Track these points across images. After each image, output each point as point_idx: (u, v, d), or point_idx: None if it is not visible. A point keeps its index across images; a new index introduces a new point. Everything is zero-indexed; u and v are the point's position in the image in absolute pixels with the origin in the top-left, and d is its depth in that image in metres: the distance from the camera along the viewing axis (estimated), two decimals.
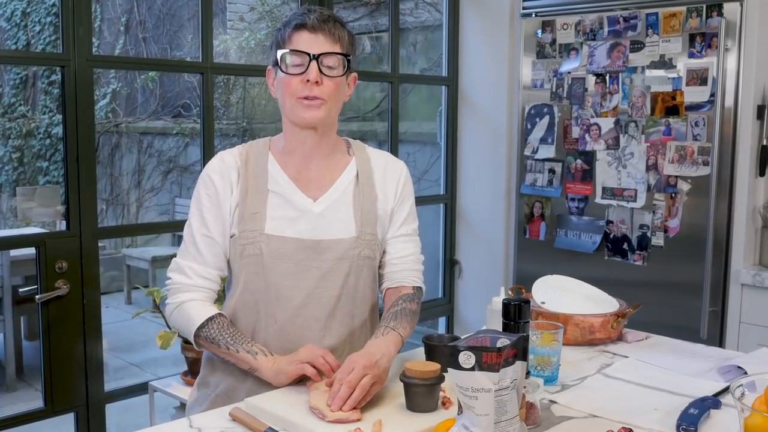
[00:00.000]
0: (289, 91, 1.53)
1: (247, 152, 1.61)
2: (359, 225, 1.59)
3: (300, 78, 1.51)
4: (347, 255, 1.57)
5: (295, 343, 1.53)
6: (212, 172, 1.59)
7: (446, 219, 3.80)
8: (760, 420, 1.07)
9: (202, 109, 2.80)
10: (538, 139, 3.31)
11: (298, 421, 1.33)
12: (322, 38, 1.51)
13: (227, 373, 1.59)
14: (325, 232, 1.56)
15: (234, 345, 1.50)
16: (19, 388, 4.49)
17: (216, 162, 1.60)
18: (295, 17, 1.54)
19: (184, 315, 1.55)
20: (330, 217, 1.57)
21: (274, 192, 1.57)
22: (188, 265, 1.57)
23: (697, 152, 2.84)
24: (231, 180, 1.57)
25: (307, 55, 1.51)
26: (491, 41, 3.59)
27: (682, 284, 2.89)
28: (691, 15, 2.83)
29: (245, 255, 1.54)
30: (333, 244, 1.56)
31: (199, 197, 1.59)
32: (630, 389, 1.56)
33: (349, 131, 5.85)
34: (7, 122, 7.72)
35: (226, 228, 1.56)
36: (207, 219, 1.56)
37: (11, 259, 4.22)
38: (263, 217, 1.54)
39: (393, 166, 1.70)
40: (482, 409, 1.09)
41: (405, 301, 1.64)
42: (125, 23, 7.64)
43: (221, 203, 1.56)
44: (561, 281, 2.02)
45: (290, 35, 1.52)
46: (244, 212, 1.54)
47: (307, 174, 1.60)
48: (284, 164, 1.60)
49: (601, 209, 3.12)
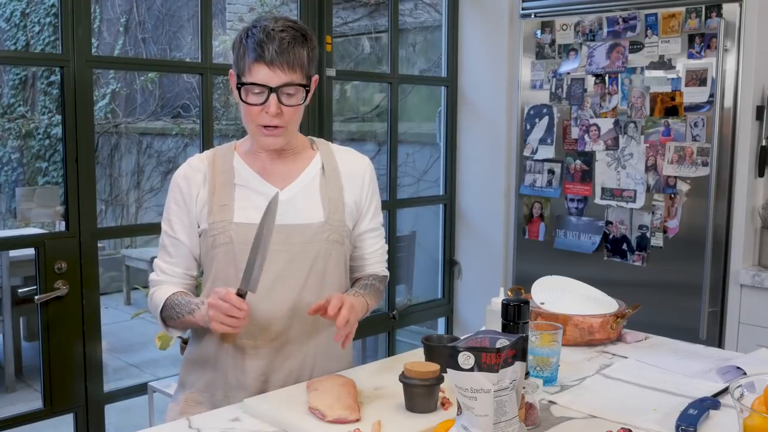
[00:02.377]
0: (250, 118, 1.56)
1: (213, 154, 1.66)
2: (327, 211, 1.63)
3: (257, 108, 1.54)
4: (315, 239, 1.60)
5: (264, 327, 1.57)
6: (179, 177, 1.65)
7: (446, 219, 3.80)
8: (759, 420, 1.07)
9: (201, 110, 2.80)
10: (537, 139, 3.31)
11: (298, 421, 1.33)
12: (279, 71, 1.50)
13: (203, 370, 1.63)
14: (292, 218, 1.59)
15: (180, 312, 1.57)
16: (18, 388, 4.49)
17: (183, 167, 1.67)
18: (254, 46, 1.51)
19: (152, 305, 1.65)
20: (297, 203, 1.61)
21: (240, 185, 1.62)
22: (159, 264, 1.66)
23: (697, 153, 2.84)
24: (197, 181, 1.62)
25: (266, 87, 1.51)
26: (490, 42, 3.59)
27: (682, 285, 2.90)
28: (690, 16, 2.83)
29: (216, 245, 1.58)
30: (301, 228, 1.60)
31: (168, 201, 1.67)
32: (629, 390, 1.56)
33: (349, 131, 5.85)
34: (7, 123, 7.72)
35: (193, 229, 1.63)
36: (173, 222, 1.63)
37: (10, 259, 4.22)
38: (231, 208, 1.59)
39: (359, 161, 1.74)
40: (481, 409, 1.10)
41: (375, 280, 1.73)
42: (124, 24, 7.63)
43: (188, 206, 1.62)
44: (560, 282, 2.02)
45: (249, 66, 1.52)
46: (212, 206, 1.60)
47: (272, 168, 1.64)
48: (250, 162, 1.65)
49: (601, 210, 3.12)
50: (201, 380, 1.64)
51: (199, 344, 1.65)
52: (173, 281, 1.64)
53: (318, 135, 3.13)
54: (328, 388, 1.41)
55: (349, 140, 5.84)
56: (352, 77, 5.29)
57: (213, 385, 1.62)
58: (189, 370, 1.68)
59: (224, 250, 1.58)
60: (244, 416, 1.41)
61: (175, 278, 1.65)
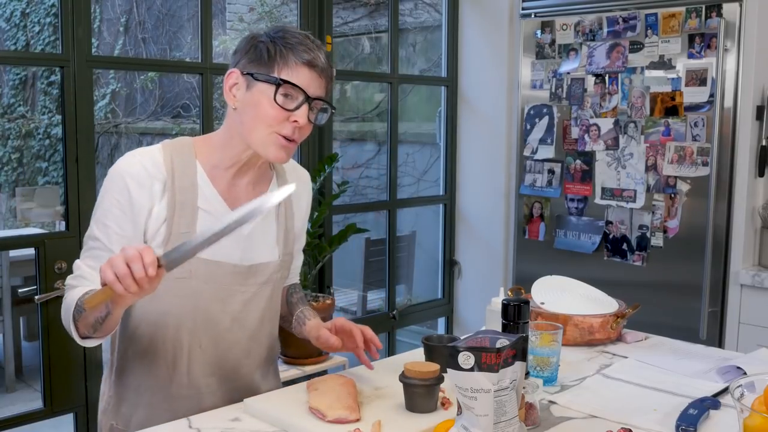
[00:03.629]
0: (267, 122, 1.39)
1: (171, 159, 1.42)
2: (281, 246, 1.54)
3: (285, 114, 1.39)
4: (271, 279, 1.53)
5: (218, 365, 1.50)
6: (127, 176, 1.39)
7: (446, 219, 3.80)
8: (759, 420, 1.07)
9: (201, 110, 2.80)
10: (537, 139, 3.31)
11: (298, 422, 1.33)
12: (324, 82, 1.41)
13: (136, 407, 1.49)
14: (252, 257, 1.49)
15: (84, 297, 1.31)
16: (18, 388, 4.49)
17: (134, 165, 1.41)
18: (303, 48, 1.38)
19: (64, 311, 1.39)
20: (256, 238, 1.50)
21: (203, 210, 1.43)
22: (81, 267, 1.41)
23: (697, 153, 2.84)
24: (153, 192, 1.40)
25: (303, 93, 1.39)
26: (490, 42, 3.59)
27: (682, 285, 2.90)
28: (690, 15, 2.83)
29: (171, 276, 1.28)
30: (261, 268, 1.50)
31: (106, 201, 1.41)
32: (629, 390, 1.56)
33: (349, 131, 5.85)
34: (7, 123, 7.72)
35: (135, 242, 1.38)
36: (110, 228, 1.40)
37: (10, 259, 4.21)
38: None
39: (304, 179, 1.64)
40: (481, 409, 1.09)
41: (300, 291, 1.73)
42: (124, 24, 7.63)
43: (135, 216, 1.39)
44: (560, 282, 2.02)
45: (294, 65, 1.37)
46: (171, 231, 1.40)
47: (236, 192, 1.48)
48: (213, 178, 1.46)
49: (601, 210, 3.12)
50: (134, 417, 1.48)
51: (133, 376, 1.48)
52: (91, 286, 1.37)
53: (318, 135, 3.12)
54: (328, 388, 1.41)
55: (349, 140, 5.85)
56: (352, 77, 5.29)
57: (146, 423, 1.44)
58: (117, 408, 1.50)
59: (181, 284, 1.41)
60: (244, 416, 1.41)
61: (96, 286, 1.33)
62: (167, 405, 1.48)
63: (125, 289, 1.16)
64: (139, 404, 1.49)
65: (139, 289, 1.17)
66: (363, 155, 5.73)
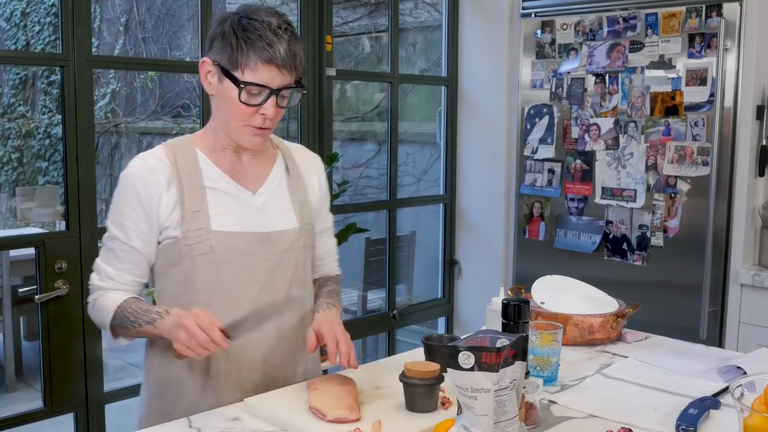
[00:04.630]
0: (237, 116, 1.46)
1: (173, 152, 1.52)
2: (299, 215, 1.60)
3: (252, 109, 1.45)
4: (293, 246, 1.57)
5: (250, 338, 1.50)
6: (134, 177, 1.50)
7: (446, 219, 3.80)
8: (759, 420, 1.07)
9: (201, 110, 2.81)
10: (537, 139, 3.31)
11: (298, 421, 1.33)
12: (286, 73, 1.45)
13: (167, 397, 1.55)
14: (270, 224, 1.54)
15: (137, 321, 1.45)
16: (18, 388, 4.49)
17: (138, 167, 1.51)
18: (263, 44, 1.41)
19: (98, 311, 1.52)
20: (271, 209, 1.56)
21: (211, 188, 1.51)
22: (104, 268, 1.53)
23: (697, 152, 2.84)
24: (158, 184, 1.48)
25: (267, 89, 1.44)
26: (491, 41, 3.59)
27: (682, 284, 2.90)
28: (690, 15, 2.83)
29: (194, 255, 1.47)
30: (280, 235, 1.55)
31: (118, 202, 1.52)
32: (629, 389, 1.56)
33: (349, 131, 5.85)
34: (7, 122, 7.72)
35: (151, 236, 1.49)
36: (127, 227, 1.49)
37: (11, 259, 4.22)
38: (206, 214, 1.49)
39: (313, 159, 1.71)
40: (481, 409, 1.09)
41: (333, 283, 1.72)
42: (125, 23, 7.63)
43: (146, 211, 1.48)
44: (560, 281, 2.02)
45: (255, 65, 1.42)
46: (184, 212, 1.48)
47: (241, 168, 1.56)
48: (216, 160, 1.54)
49: (601, 209, 3.12)
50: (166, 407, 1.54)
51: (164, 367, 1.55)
52: (120, 288, 1.51)
53: (318, 135, 3.13)
54: (328, 388, 1.41)
55: (349, 140, 5.85)
56: (352, 77, 5.29)
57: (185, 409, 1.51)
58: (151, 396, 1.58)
59: (205, 260, 1.48)
60: (244, 416, 1.41)
61: (123, 285, 1.51)
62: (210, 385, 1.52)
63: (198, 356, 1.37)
64: (181, 389, 1.53)
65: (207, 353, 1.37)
66: (363, 155, 5.73)
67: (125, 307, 1.47)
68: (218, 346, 1.34)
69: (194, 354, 1.35)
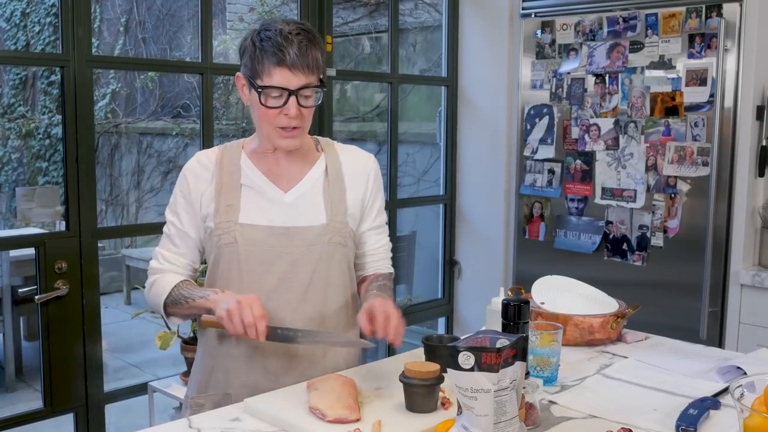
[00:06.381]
0: (266, 120, 1.59)
1: (222, 152, 1.69)
2: (329, 213, 1.65)
3: (276, 111, 1.56)
4: (318, 241, 1.63)
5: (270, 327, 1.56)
6: (187, 171, 1.68)
7: (446, 219, 3.80)
8: (759, 420, 1.07)
9: (201, 110, 2.80)
10: (537, 139, 3.31)
11: (298, 421, 1.34)
12: (300, 74, 1.54)
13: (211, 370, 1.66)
14: (296, 220, 1.63)
15: (191, 296, 1.58)
16: (18, 388, 4.49)
17: (192, 161, 1.69)
18: (273, 50, 1.52)
19: (154, 291, 1.66)
20: (301, 206, 1.64)
21: (247, 186, 1.64)
22: (161, 252, 1.68)
23: (697, 153, 2.84)
24: (204, 178, 1.65)
25: (285, 90, 1.54)
26: (491, 42, 3.59)
27: (682, 285, 2.90)
28: (690, 15, 2.83)
29: (221, 245, 1.61)
30: (303, 230, 1.62)
31: (175, 193, 1.69)
32: (629, 390, 1.56)
33: (349, 131, 5.85)
34: (7, 123, 7.72)
35: (199, 223, 1.65)
36: (180, 214, 1.66)
37: (11, 259, 4.22)
38: (237, 208, 1.62)
39: (363, 160, 1.77)
40: (481, 409, 1.10)
41: (385, 279, 1.75)
42: (125, 24, 7.63)
43: (193, 200, 1.65)
44: (560, 282, 2.02)
45: (269, 70, 1.53)
46: (219, 205, 1.62)
47: (278, 170, 1.67)
48: (257, 161, 1.67)
49: (601, 210, 3.12)
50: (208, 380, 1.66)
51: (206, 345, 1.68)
52: (178, 270, 1.66)
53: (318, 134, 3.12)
54: (328, 388, 1.41)
55: (349, 140, 5.85)
56: (352, 77, 5.29)
57: (218, 385, 1.64)
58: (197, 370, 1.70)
59: (229, 249, 1.60)
60: (244, 416, 1.41)
61: (180, 268, 1.67)
62: (227, 373, 1.63)
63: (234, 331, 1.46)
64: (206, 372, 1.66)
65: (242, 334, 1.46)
66: None
67: (180, 286, 1.62)
68: (255, 336, 1.45)
69: (231, 328, 1.46)
